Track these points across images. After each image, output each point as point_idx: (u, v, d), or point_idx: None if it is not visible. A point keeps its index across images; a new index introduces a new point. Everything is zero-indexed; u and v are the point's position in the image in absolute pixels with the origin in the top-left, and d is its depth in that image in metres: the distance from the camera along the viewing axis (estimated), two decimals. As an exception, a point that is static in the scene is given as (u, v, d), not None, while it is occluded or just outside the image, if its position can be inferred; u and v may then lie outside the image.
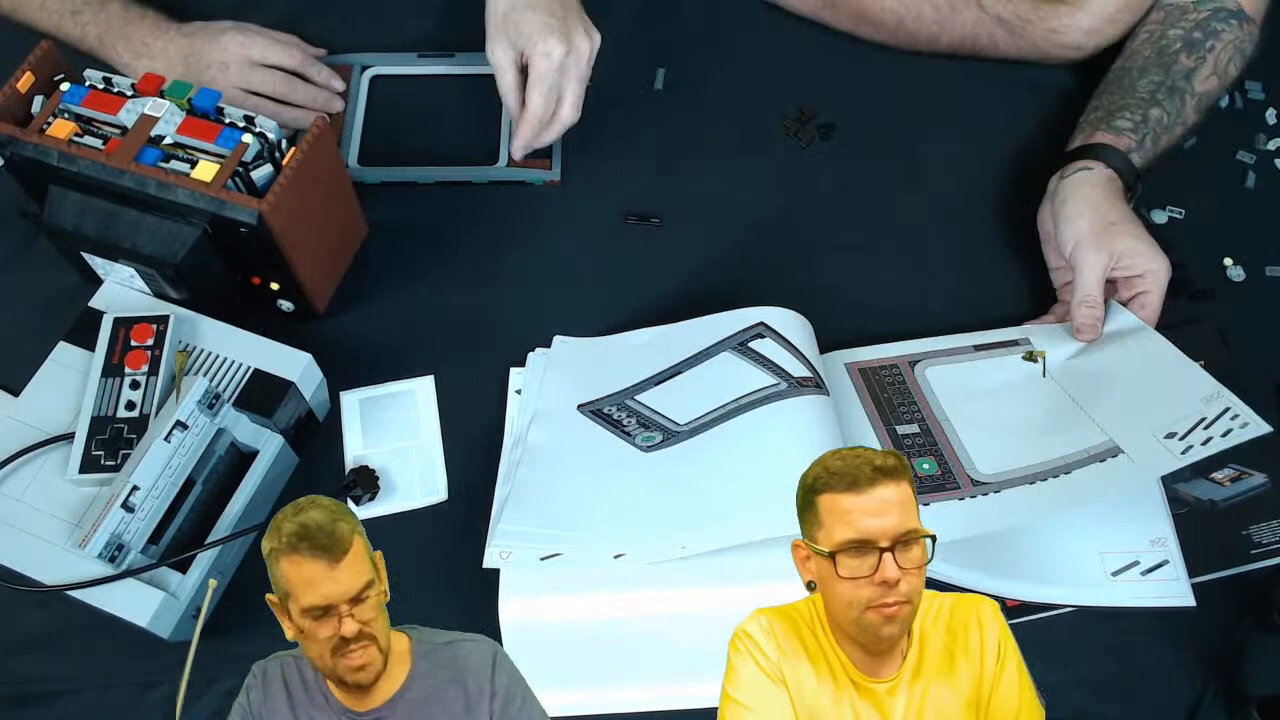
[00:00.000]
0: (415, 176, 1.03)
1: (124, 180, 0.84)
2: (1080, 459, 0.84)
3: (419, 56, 1.10)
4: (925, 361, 0.94)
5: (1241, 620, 0.83)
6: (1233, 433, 0.80)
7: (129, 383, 0.83)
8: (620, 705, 0.79)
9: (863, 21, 1.11)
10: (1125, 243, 0.91)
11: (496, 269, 1.00)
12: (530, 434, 0.90)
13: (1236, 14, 1.03)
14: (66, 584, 0.76)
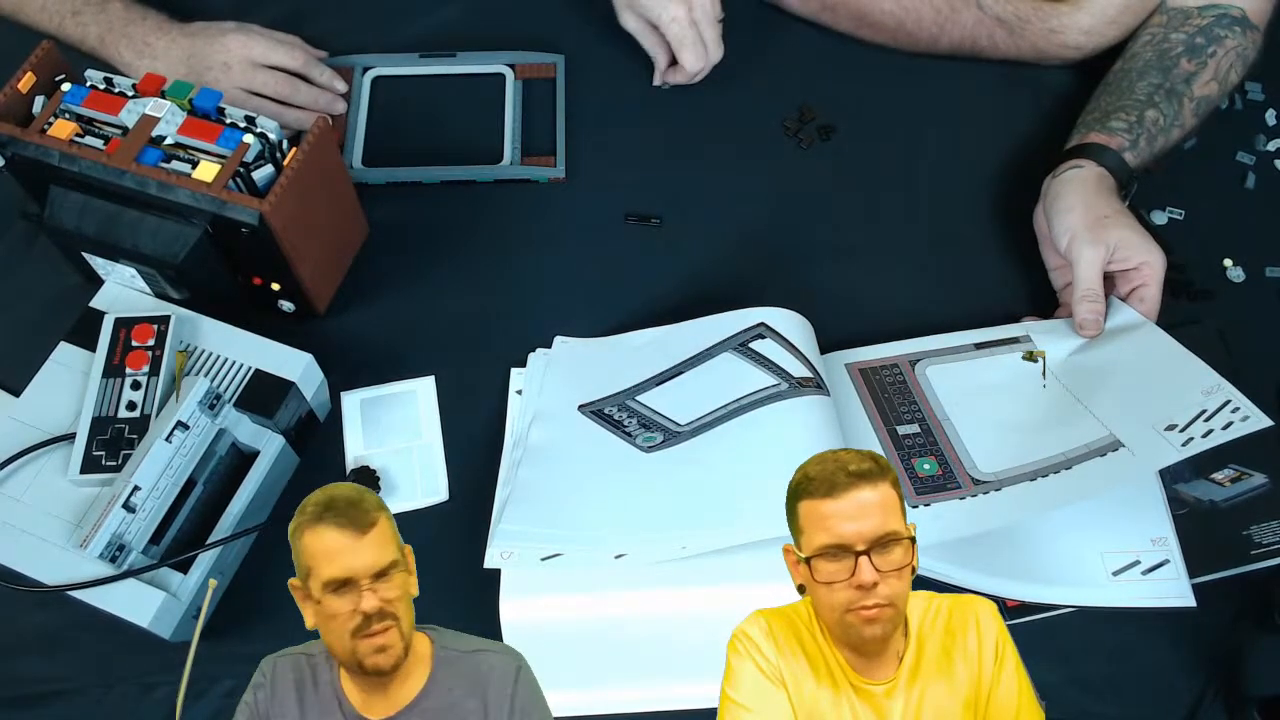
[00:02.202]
0: (420, 176, 1.03)
1: (125, 180, 0.84)
2: (1081, 454, 0.84)
3: (421, 57, 1.10)
4: (926, 360, 0.95)
5: (1241, 620, 0.83)
6: (1233, 425, 0.79)
7: (130, 383, 0.83)
8: (620, 705, 0.79)
9: (862, 23, 1.11)
10: (1119, 234, 0.91)
11: (497, 270, 1.00)
12: (531, 434, 0.90)
13: (1240, 20, 1.03)
14: (67, 584, 0.76)
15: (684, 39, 1.02)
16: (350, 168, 1.02)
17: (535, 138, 1.06)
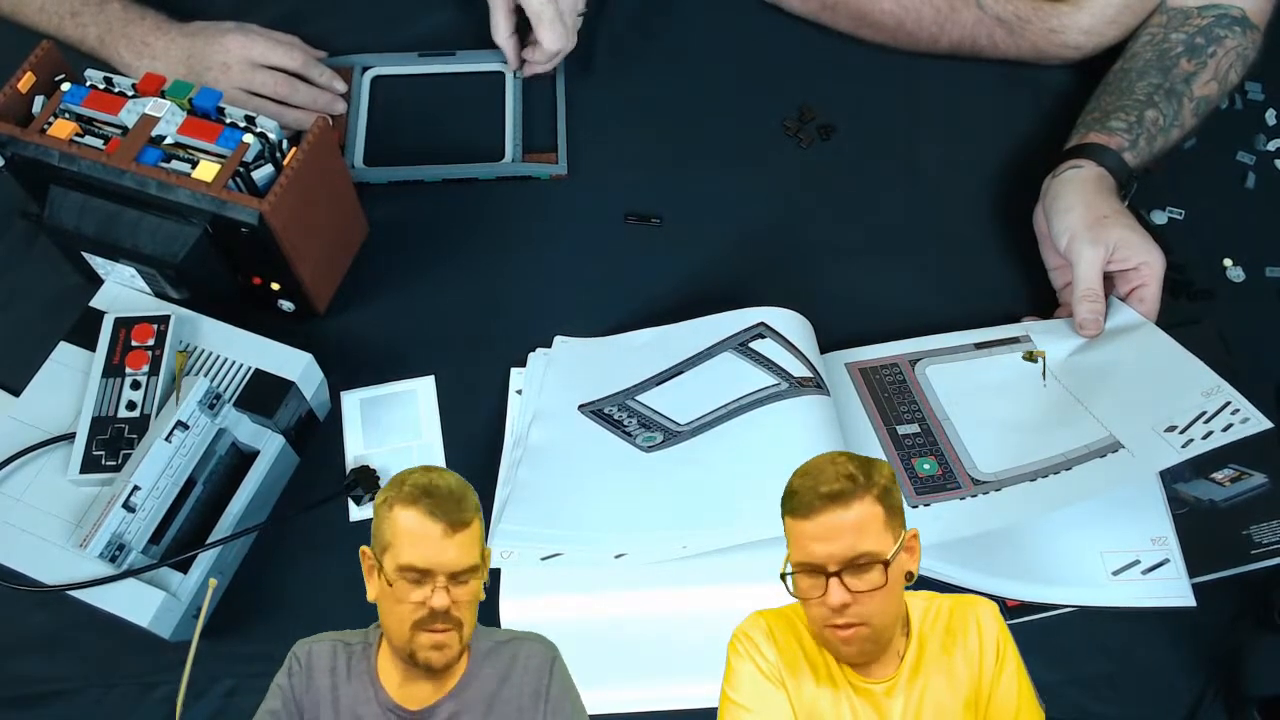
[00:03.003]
0: (422, 175, 1.03)
1: (125, 180, 0.84)
2: (1081, 455, 0.84)
3: (420, 56, 1.10)
4: (926, 360, 0.95)
5: (1241, 620, 0.83)
6: (1233, 428, 0.79)
7: (130, 383, 0.83)
8: (620, 705, 0.79)
9: (862, 23, 1.11)
10: (1119, 234, 0.91)
11: (497, 269, 1.00)
12: (531, 434, 0.90)
13: (1240, 20, 1.03)
14: (67, 584, 0.76)
15: (543, 15, 1.00)
16: (352, 167, 1.02)
17: (535, 135, 1.06)
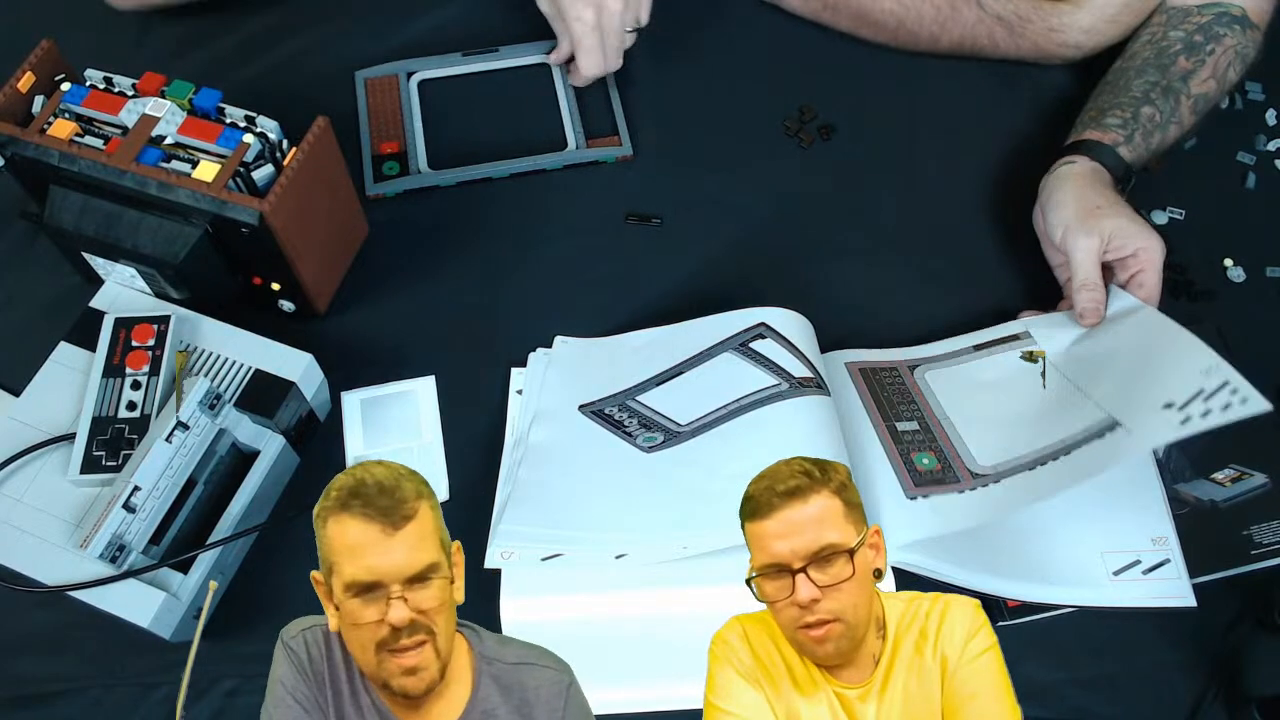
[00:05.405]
0: (489, 173, 1.03)
1: (125, 180, 0.84)
2: (1079, 439, 0.84)
3: (463, 56, 1.10)
4: (925, 366, 0.94)
5: (1241, 620, 0.83)
6: (1232, 408, 0.77)
7: (130, 383, 0.83)
8: (620, 705, 0.79)
9: (863, 23, 1.11)
10: (1113, 223, 0.91)
11: (497, 269, 1.00)
12: (531, 434, 0.90)
13: (1240, 19, 1.03)
14: (67, 584, 0.76)
15: (583, 41, 1.01)
16: (418, 173, 1.03)
17: (591, 121, 1.07)
